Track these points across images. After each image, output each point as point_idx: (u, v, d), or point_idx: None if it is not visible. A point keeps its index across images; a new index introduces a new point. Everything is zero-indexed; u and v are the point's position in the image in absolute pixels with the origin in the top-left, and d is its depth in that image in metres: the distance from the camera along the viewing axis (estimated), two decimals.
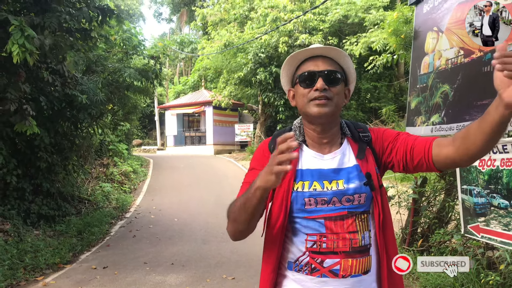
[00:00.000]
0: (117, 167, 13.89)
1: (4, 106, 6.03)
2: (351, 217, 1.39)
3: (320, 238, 1.38)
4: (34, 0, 6.50)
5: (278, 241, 1.43)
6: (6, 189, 7.03)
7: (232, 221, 1.38)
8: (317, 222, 1.40)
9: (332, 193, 1.39)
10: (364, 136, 1.50)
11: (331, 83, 1.41)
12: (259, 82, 17.77)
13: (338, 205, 1.39)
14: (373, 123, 15.02)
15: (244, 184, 1.49)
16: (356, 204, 1.40)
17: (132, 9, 36.58)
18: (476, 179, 3.88)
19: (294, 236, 1.43)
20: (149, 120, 32.89)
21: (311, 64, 1.44)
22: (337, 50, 1.45)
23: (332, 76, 1.42)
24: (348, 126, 1.54)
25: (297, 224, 1.43)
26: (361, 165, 1.43)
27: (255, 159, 1.54)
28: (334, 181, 1.41)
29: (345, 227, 1.38)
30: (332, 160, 1.44)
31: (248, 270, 5.51)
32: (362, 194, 1.40)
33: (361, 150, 1.46)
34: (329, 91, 1.40)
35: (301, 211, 1.41)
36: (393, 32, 5.66)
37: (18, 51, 5.07)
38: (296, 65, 1.51)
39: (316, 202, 1.39)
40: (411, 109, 5.43)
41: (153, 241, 7.24)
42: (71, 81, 7.80)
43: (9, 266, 5.35)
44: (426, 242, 5.08)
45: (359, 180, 1.40)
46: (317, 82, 1.39)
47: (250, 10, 19.29)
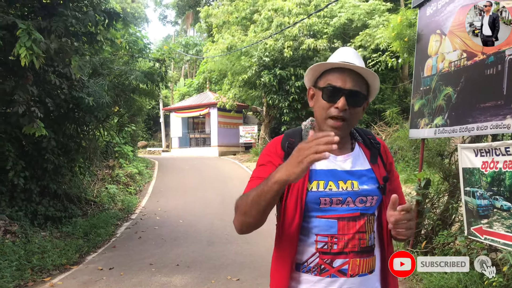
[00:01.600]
0: (123, 169, 13.98)
1: (12, 109, 6.12)
2: (363, 218, 1.42)
3: (331, 239, 1.40)
4: (41, 4, 6.60)
5: (293, 241, 1.43)
6: (13, 190, 7.11)
7: (242, 214, 1.35)
8: (329, 221, 1.41)
9: (347, 193, 1.41)
10: (375, 143, 1.55)
11: (353, 104, 1.41)
12: (263, 84, 17.81)
13: (352, 205, 1.41)
14: (377, 125, 15.01)
15: (253, 179, 1.47)
16: (368, 205, 1.43)
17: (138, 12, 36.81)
18: (479, 181, 3.90)
19: (304, 236, 1.44)
20: (154, 121, 33.03)
21: (338, 77, 1.42)
22: (369, 72, 1.43)
23: (356, 97, 1.41)
24: (358, 132, 1.57)
25: (309, 224, 1.43)
26: (374, 169, 1.48)
27: (266, 155, 1.51)
28: (349, 181, 1.43)
29: (356, 228, 1.41)
30: (345, 162, 1.47)
31: (252, 272, 5.55)
32: (374, 197, 1.44)
33: (374, 156, 1.52)
34: (348, 111, 1.40)
35: (316, 210, 1.42)
36: (397, 36, 5.69)
37: (25, 53, 5.16)
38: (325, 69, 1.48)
39: (331, 202, 1.41)
40: (415, 111, 5.46)
41: (159, 243, 7.30)
42: (77, 83, 7.89)
43: (17, 267, 5.43)
44: (430, 244, 5.10)
45: (372, 183, 1.45)
46: (340, 101, 1.39)
47: (253, 13, 19.35)
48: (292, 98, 17.28)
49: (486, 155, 3.81)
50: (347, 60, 1.43)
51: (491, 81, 3.90)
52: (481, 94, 4.08)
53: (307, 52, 16.85)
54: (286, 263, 1.45)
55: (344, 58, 1.45)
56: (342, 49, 1.52)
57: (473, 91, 4.24)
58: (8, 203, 6.96)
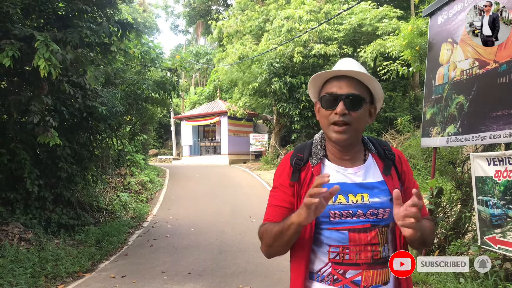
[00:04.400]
0: (134, 177, 14.09)
1: (28, 118, 6.25)
2: (374, 230, 1.42)
3: (343, 250, 1.42)
4: (57, 16, 6.75)
5: (306, 252, 1.46)
6: (28, 198, 7.23)
7: (268, 246, 1.47)
8: (340, 233, 1.42)
9: (357, 207, 1.42)
10: (390, 154, 1.54)
11: (352, 107, 1.42)
12: (273, 92, 17.86)
13: (362, 218, 1.42)
14: (388, 133, 14.95)
15: (269, 206, 1.54)
16: (380, 218, 1.43)
17: (148, 22, 37.27)
18: (492, 190, 3.88)
19: (317, 247, 1.47)
20: (165, 130, 33.28)
21: (335, 85, 1.45)
22: (363, 74, 1.44)
23: (354, 100, 1.42)
24: (372, 143, 1.57)
25: (320, 235, 1.45)
26: (387, 181, 1.47)
27: (277, 176, 1.57)
28: (359, 194, 1.43)
29: (368, 239, 1.41)
30: (356, 175, 1.47)
31: (263, 280, 5.55)
32: (387, 209, 1.43)
33: (387, 167, 1.50)
34: (349, 115, 1.41)
35: (326, 223, 1.43)
36: (408, 45, 5.70)
37: (44, 65, 5.29)
38: (324, 80, 1.51)
39: (341, 215, 1.42)
40: (426, 120, 5.45)
41: (170, 251, 7.33)
42: (91, 93, 8.03)
43: (31, 274, 5.50)
44: (443, 253, 5.06)
45: (384, 195, 1.44)
46: (338, 106, 1.41)
47: (265, 22, 19.48)
48: (302, 106, 17.28)
49: (499, 163, 3.79)
50: (344, 69, 1.46)
51: (504, 89, 3.89)
52: (494, 102, 4.07)
53: (318, 60, 16.89)
54: (300, 272, 1.47)
55: (341, 68, 1.47)
56: (342, 60, 1.54)
57: (485, 99, 4.23)
58: (23, 211, 7.07)
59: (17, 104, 6.46)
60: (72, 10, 6.68)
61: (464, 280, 4.25)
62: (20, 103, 6.43)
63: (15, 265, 5.52)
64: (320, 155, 1.52)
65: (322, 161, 1.51)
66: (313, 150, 1.54)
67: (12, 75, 6.80)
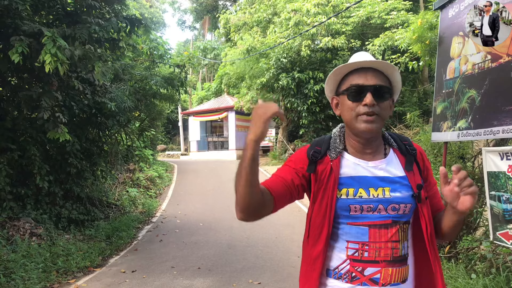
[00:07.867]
0: (143, 172, 14.17)
1: (38, 114, 6.29)
2: (395, 226, 1.40)
3: (362, 247, 1.39)
4: (66, 12, 6.76)
5: (323, 247, 1.42)
6: (38, 194, 7.29)
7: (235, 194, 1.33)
8: (360, 229, 1.40)
9: (378, 201, 1.39)
10: (411, 149, 1.52)
11: (380, 98, 1.40)
12: (281, 88, 17.79)
13: (383, 213, 1.40)
14: (397, 128, 14.85)
15: (272, 176, 1.49)
16: (401, 213, 1.41)
17: (156, 17, 37.27)
18: (505, 185, 3.83)
19: (335, 242, 1.44)
20: (172, 125, 33.40)
21: (360, 76, 1.42)
22: (387, 64, 1.43)
23: (381, 91, 1.41)
24: (393, 138, 1.54)
25: (339, 230, 1.43)
26: (409, 176, 1.44)
27: (292, 159, 1.53)
28: (380, 188, 1.41)
29: (388, 236, 1.39)
30: (377, 168, 1.44)
31: (273, 275, 5.55)
32: (408, 205, 1.41)
33: (409, 163, 1.48)
34: (377, 106, 1.39)
35: (346, 217, 1.41)
36: (418, 39, 5.63)
37: (50, 60, 5.30)
38: (344, 74, 1.49)
39: (362, 209, 1.40)
40: (437, 114, 5.39)
41: (180, 245, 7.37)
42: (100, 89, 8.06)
43: (43, 268, 5.56)
44: (454, 248, 5.02)
45: (406, 190, 1.41)
46: (366, 97, 1.38)
47: (273, 15, 19.39)
48: (310, 101, 17.21)
49: None
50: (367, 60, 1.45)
51: None
52: (506, 96, 4.01)
53: (325, 54, 16.78)
54: (316, 268, 1.44)
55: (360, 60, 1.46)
56: (356, 54, 1.53)
57: (498, 93, 4.17)
58: (33, 206, 7.14)
59: (28, 100, 6.49)
60: (80, 6, 6.69)
61: (475, 276, 4.22)
62: (30, 99, 6.47)
63: (26, 260, 5.57)
64: (340, 149, 1.49)
65: (341, 154, 1.48)
66: (332, 144, 1.51)
67: (22, 71, 6.84)
